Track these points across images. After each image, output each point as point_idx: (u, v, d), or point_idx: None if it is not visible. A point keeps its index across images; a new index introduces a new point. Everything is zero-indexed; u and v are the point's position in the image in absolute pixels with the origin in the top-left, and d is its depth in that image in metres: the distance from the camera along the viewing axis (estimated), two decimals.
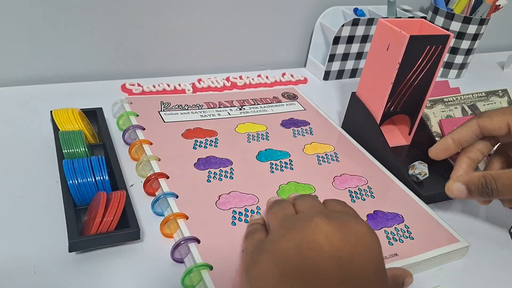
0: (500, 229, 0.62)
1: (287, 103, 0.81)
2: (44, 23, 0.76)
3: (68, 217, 0.49)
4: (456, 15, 0.96)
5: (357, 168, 0.66)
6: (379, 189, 0.63)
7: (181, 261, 0.49)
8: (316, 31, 0.96)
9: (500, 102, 0.83)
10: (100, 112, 0.68)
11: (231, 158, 0.64)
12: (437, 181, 0.65)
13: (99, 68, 0.85)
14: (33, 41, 0.77)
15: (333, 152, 0.69)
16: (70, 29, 0.79)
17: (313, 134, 0.73)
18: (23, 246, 0.49)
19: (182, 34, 0.88)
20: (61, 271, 0.47)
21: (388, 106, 0.69)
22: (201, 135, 0.67)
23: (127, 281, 0.47)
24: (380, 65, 0.67)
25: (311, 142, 0.71)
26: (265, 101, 0.80)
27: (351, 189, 0.62)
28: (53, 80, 0.82)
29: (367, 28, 0.91)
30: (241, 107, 0.77)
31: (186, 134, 0.67)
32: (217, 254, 0.48)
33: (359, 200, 0.60)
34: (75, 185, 0.52)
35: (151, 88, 0.81)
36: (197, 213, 0.53)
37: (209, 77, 0.88)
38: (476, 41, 1.00)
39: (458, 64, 1.03)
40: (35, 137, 0.65)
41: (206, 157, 0.63)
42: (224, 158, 0.63)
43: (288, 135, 0.72)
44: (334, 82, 0.96)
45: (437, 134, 0.76)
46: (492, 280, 0.54)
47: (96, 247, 0.49)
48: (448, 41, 0.65)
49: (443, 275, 0.54)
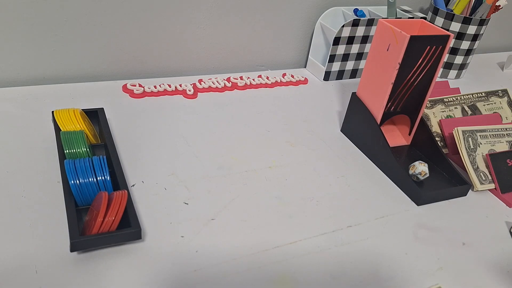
0: (500, 229, 0.62)
1: None
2: (45, 24, 0.77)
3: (69, 217, 0.49)
4: (456, 15, 0.97)
5: None
6: None
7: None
8: (316, 32, 0.96)
9: (500, 102, 0.83)
10: (101, 113, 0.68)
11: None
12: (437, 181, 0.65)
13: (100, 69, 0.85)
14: (34, 42, 0.78)
15: None
16: (72, 30, 0.79)
17: None
18: (25, 245, 0.49)
19: (183, 35, 0.88)
20: (62, 270, 0.47)
21: (388, 106, 0.69)
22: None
23: (128, 280, 0.47)
24: (380, 65, 0.67)
25: None
26: None
27: None
28: (54, 80, 0.82)
29: (367, 28, 0.92)
30: None
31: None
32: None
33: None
34: (77, 185, 0.52)
35: (152, 88, 0.82)
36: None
37: (210, 77, 0.88)
38: (476, 41, 1.01)
39: (458, 64, 1.04)
40: (36, 137, 0.65)
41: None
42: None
43: None
44: (334, 83, 0.96)
45: (437, 134, 0.76)
46: (492, 280, 0.54)
47: (98, 247, 0.50)
48: (448, 41, 0.65)
49: (443, 275, 0.54)
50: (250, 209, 0.59)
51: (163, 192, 0.59)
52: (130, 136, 0.69)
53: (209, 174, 0.64)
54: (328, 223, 0.59)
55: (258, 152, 0.70)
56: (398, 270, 0.53)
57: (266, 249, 0.53)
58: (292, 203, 0.61)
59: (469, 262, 0.56)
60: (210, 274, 0.49)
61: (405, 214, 0.62)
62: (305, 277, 0.51)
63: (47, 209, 0.54)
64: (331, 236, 0.57)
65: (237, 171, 0.65)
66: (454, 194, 0.66)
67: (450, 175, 0.68)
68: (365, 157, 0.73)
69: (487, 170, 0.69)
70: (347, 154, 0.73)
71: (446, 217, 0.62)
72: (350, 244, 0.56)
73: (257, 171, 0.66)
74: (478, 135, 0.71)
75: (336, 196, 0.64)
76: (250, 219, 0.57)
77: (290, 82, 0.92)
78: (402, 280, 0.52)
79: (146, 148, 0.67)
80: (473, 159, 0.69)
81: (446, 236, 0.59)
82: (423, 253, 0.56)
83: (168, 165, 0.64)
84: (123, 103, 0.77)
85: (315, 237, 0.56)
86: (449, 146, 0.75)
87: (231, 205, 0.59)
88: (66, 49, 0.81)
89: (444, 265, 0.55)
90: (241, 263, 0.51)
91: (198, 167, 0.65)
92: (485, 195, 0.68)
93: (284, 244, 0.55)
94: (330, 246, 0.55)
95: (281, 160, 0.69)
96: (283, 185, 0.64)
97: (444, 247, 0.58)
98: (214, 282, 0.48)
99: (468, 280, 0.53)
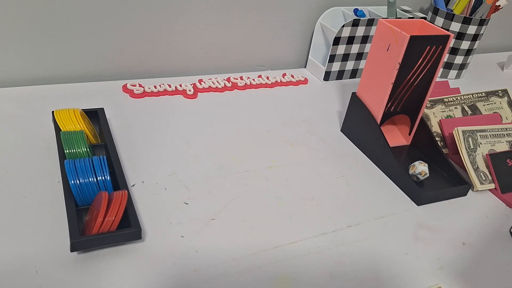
0: (500, 229, 0.62)
1: None
2: (45, 24, 0.77)
3: (69, 217, 0.49)
4: (456, 15, 0.97)
5: None
6: None
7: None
8: (317, 32, 0.96)
9: (500, 102, 0.83)
10: (101, 113, 0.68)
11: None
12: (437, 181, 0.65)
13: (100, 69, 0.85)
14: (34, 42, 0.78)
15: None
16: (72, 30, 0.79)
17: None
18: (25, 245, 0.49)
19: (183, 35, 0.88)
20: (62, 270, 0.47)
21: (388, 106, 0.69)
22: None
23: (128, 280, 0.47)
24: (381, 65, 0.67)
25: None
26: None
27: None
28: (54, 80, 0.82)
29: (367, 28, 0.92)
30: None
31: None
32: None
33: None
34: (77, 185, 0.52)
35: (152, 88, 0.82)
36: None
37: (210, 77, 0.88)
38: (476, 41, 1.01)
39: (458, 64, 1.04)
40: (36, 137, 0.65)
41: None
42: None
43: None
44: (335, 83, 0.96)
45: (437, 134, 0.76)
46: (492, 280, 0.54)
47: (98, 247, 0.50)
48: (448, 41, 0.65)
49: (443, 275, 0.54)
50: (250, 209, 0.59)
51: (163, 192, 0.59)
52: (130, 136, 0.69)
53: (209, 174, 0.64)
54: (328, 223, 0.59)
55: (258, 152, 0.70)
56: (398, 270, 0.53)
57: (266, 249, 0.54)
58: (292, 203, 0.61)
59: (469, 262, 0.56)
60: (210, 274, 0.49)
61: (405, 214, 0.62)
62: (305, 277, 0.51)
63: (47, 209, 0.54)
64: (331, 236, 0.57)
65: (237, 171, 0.65)
66: (454, 194, 0.66)
67: (450, 175, 0.68)
68: (365, 157, 0.73)
69: (487, 170, 0.69)
70: (347, 154, 0.73)
71: (446, 217, 0.62)
72: (350, 244, 0.56)
73: (257, 171, 0.66)
74: (478, 135, 0.71)
75: (336, 196, 0.64)
76: (250, 219, 0.57)
77: (290, 82, 0.92)
78: (402, 280, 0.52)
79: (146, 148, 0.67)
80: (473, 159, 0.69)
81: (446, 236, 0.59)
82: (423, 253, 0.56)
83: (168, 165, 0.64)
84: (123, 103, 0.77)
85: (315, 237, 0.56)
86: (449, 146, 0.75)
87: (231, 205, 0.59)
88: (66, 49, 0.81)
89: (444, 265, 0.55)
90: (241, 263, 0.51)
91: (198, 167, 0.65)
92: (485, 195, 0.68)
93: (284, 244, 0.55)
94: (330, 246, 0.55)
95: (281, 160, 0.69)
96: (283, 185, 0.64)
97: (444, 247, 0.58)
98: (214, 282, 0.48)
99: (468, 280, 0.53)
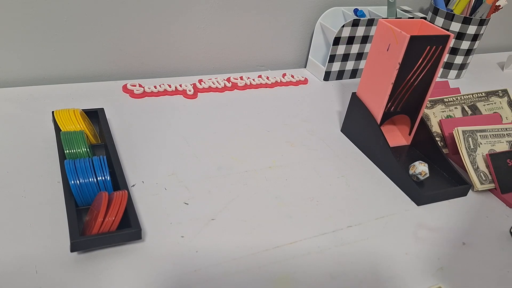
0: (500, 229, 0.62)
1: None
2: (45, 24, 0.77)
3: (69, 217, 0.49)
4: (456, 15, 0.97)
5: None
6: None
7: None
8: (317, 32, 0.96)
9: (500, 102, 0.83)
10: (101, 113, 0.68)
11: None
12: (437, 181, 0.65)
13: (100, 69, 0.85)
14: (34, 42, 0.78)
15: None
16: (72, 30, 0.79)
17: None
18: (25, 246, 0.49)
19: (183, 35, 0.88)
20: (62, 271, 0.47)
21: (388, 106, 0.69)
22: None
23: (128, 280, 0.47)
24: (381, 65, 0.67)
25: None
26: None
27: None
28: (54, 80, 0.82)
29: (367, 28, 0.92)
30: None
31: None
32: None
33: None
34: (77, 185, 0.52)
35: (152, 88, 0.82)
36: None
37: (210, 77, 0.88)
38: (476, 41, 1.01)
39: (458, 64, 1.04)
40: (36, 137, 0.65)
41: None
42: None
43: None
44: (335, 83, 0.96)
45: (437, 134, 0.76)
46: (492, 280, 0.54)
47: (98, 247, 0.50)
48: (448, 41, 0.65)
49: (443, 275, 0.54)
50: (250, 209, 0.59)
51: (163, 192, 0.59)
52: (130, 136, 0.69)
53: (209, 174, 0.64)
54: (328, 223, 0.59)
55: (258, 152, 0.70)
56: (398, 270, 0.53)
57: (266, 249, 0.54)
58: (292, 203, 0.61)
59: (469, 262, 0.56)
60: (210, 274, 0.49)
61: (405, 214, 0.62)
62: (305, 277, 0.51)
63: (47, 209, 0.54)
64: (331, 236, 0.57)
65: (237, 171, 0.65)
66: (454, 194, 0.66)
67: (450, 175, 0.68)
68: (365, 157, 0.73)
69: (487, 170, 0.69)
70: (347, 154, 0.73)
71: (446, 217, 0.62)
72: (350, 244, 0.56)
73: (257, 171, 0.66)
74: (478, 135, 0.71)
75: (336, 196, 0.64)
76: (250, 219, 0.57)
77: (290, 82, 0.92)
78: (402, 280, 0.52)
79: (146, 148, 0.67)
80: (473, 159, 0.69)
81: (446, 236, 0.59)
82: (423, 253, 0.56)
83: (168, 165, 0.64)
84: (123, 103, 0.77)
85: (315, 237, 0.56)
86: (449, 146, 0.75)
87: (231, 205, 0.59)
88: (66, 49, 0.81)
89: (444, 265, 0.55)
90: (241, 263, 0.51)
91: (198, 167, 0.65)
92: (485, 195, 0.68)
93: (284, 244, 0.55)
94: (330, 246, 0.55)
95: (281, 160, 0.69)
96: (283, 185, 0.64)
97: (444, 247, 0.58)
98: (214, 282, 0.48)
99: (468, 280, 0.53)
